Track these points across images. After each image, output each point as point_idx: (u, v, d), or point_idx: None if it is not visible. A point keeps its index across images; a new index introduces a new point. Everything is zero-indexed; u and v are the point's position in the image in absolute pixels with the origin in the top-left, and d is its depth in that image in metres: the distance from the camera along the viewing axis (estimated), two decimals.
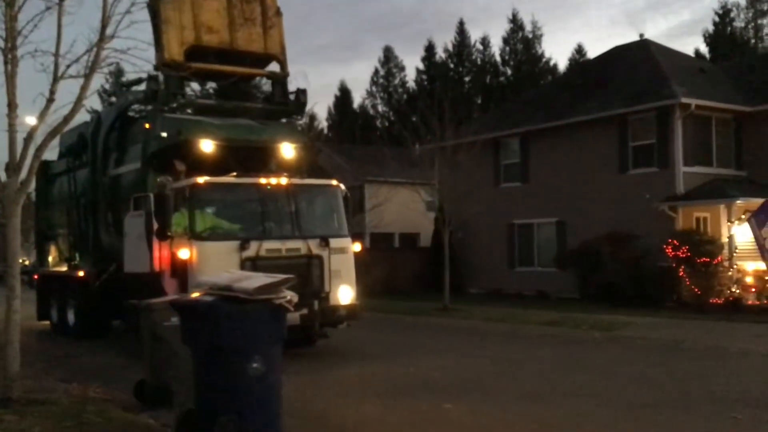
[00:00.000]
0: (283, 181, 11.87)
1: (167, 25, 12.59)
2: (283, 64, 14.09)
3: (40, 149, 7.96)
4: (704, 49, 47.96)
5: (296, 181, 12.09)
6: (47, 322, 16.99)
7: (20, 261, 8.44)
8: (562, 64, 54.49)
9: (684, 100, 20.61)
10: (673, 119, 20.89)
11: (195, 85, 15.02)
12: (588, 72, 28.42)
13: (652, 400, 8.32)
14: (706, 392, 8.80)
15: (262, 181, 11.77)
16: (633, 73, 24.15)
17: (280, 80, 14.31)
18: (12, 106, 7.73)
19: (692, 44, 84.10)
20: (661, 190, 20.73)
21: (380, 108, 59.92)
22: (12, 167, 7.75)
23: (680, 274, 18.95)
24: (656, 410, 7.80)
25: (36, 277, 18.34)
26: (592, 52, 53.93)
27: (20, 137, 7.85)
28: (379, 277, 22.28)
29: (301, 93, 14.25)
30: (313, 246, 11.61)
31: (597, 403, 8.18)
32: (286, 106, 14.40)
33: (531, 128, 25.06)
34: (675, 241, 19.08)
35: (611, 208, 21.83)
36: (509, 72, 55.69)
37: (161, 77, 12.79)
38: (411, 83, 58.15)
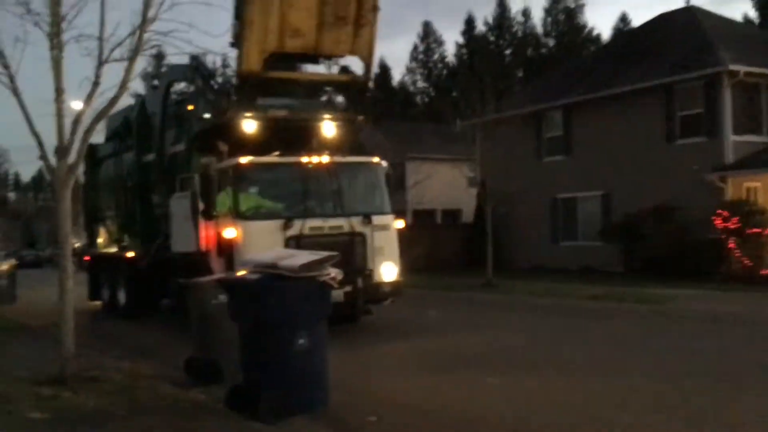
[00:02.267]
0: (325, 159, 11.91)
1: (250, 31, 11.16)
2: (368, 67, 12.45)
3: (87, 133, 8.10)
4: (753, 14, 46.54)
5: (338, 158, 12.12)
6: (98, 302, 17.43)
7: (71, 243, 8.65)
8: (606, 35, 53.45)
9: (732, 67, 20.07)
10: (721, 87, 20.37)
11: None
12: (632, 41, 27.85)
13: (700, 373, 8.21)
14: (756, 365, 8.65)
15: (305, 159, 11.83)
16: (679, 41, 23.58)
17: (360, 86, 12.80)
18: (59, 90, 7.88)
19: (740, 9, 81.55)
20: (709, 161, 20.29)
21: (420, 84, 59.62)
22: (61, 151, 7.92)
23: (729, 245, 18.57)
24: (703, 383, 7.69)
25: (86, 258, 18.79)
26: (637, 20, 52.81)
27: (68, 122, 8.02)
28: (421, 253, 22.32)
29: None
30: (356, 223, 11.67)
31: (643, 376, 8.09)
32: (360, 111, 13.23)
33: (574, 100, 24.67)
34: (724, 212, 18.69)
35: (657, 180, 21.45)
36: (551, 43, 54.89)
37: (233, 82, 11.95)
38: (451, 58, 57.75)
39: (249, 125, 12.07)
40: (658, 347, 10.20)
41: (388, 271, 11.91)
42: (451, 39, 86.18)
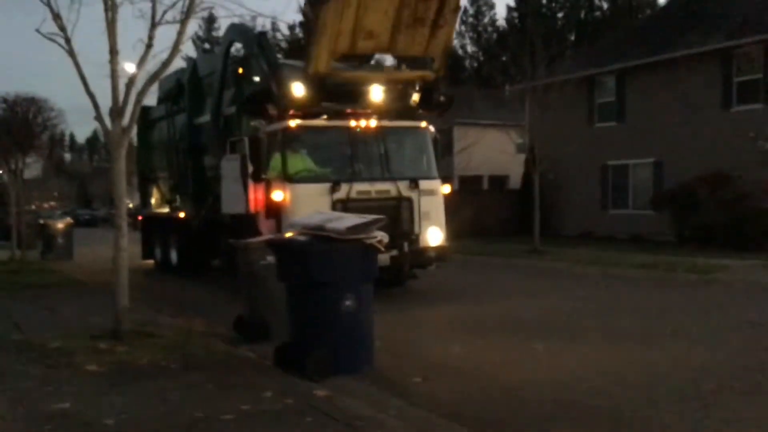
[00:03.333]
0: (373, 123, 11.92)
1: (322, 34, 10.81)
2: (441, 66, 11.94)
3: (141, 94, 8.26)
4: None
5: (386, 123, 12.12)
6: (151, 261, 17.89)
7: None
8: None
9: None
10: None
11: None
12: (689, 4, 26.90)
13: (751, 343, 8.10)
14: None
15: (352, 123, 11.86)
16: (738, 4, 22.74)
17: (430, 85, 12.18)
18: (113, 52, 8.02)
19: None
20: (766, 128, 19.66)
21: (469, 48, 58.87)
22: (115, 112, 8.09)
23: None
24: (755, 353, 7.59)
25: (140, 218, 19.26)
26: None
27: (121, 83, 8.18)
28: (467, 219, 22.22)
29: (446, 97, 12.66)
30: (403, 188, 11.69)
31: (693, 346, 8.02)
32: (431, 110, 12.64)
33: (627, 65, 24.09)
34: None
35: (712, 147, 20.93)
36: (605, 6, 53.47)
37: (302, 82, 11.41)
38: (501, 21, 56.84)
39: (298, 89, 12.11)
40: (709, 316, 10.07)
41: (434, 236, 11.94)
42: (502, 2, 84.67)
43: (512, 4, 55.55)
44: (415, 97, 12.25)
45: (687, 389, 6.25)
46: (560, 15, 54.08)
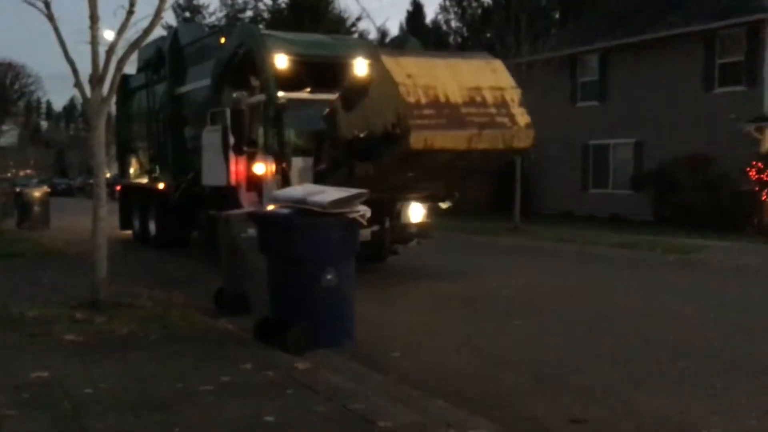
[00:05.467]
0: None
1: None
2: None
3: (121, 62, 8.13)
4: None
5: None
6: (129, 232, 17.74)
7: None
8: None
9: None
10: (764, 35, 19.74)
11: None
12: None
13: (730, 324, 8.21)
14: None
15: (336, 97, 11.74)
16: None
17: None
18: (94, 18, 7.87)
19: None
20: (747, 111, 19.82)
21: (453, 24, 58.46)
22: (95, 79, 7.96)
23: (763, 198, 18.29)
24: (734, 335, 7.69)
25: (118, 188, 19.06)
26: None
27: (102, 50, 8.04)
28: None
29: None
30: None
31: (671, 325, 8.12)
32: None
33: (611, 44, 24.11)
34: (759, 164, 18.35)
35: (693, 128, 21.05)
36: None
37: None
38: None
39: (280, 60, 11.97)
40: (687, 296, 10.19)
41: (416, 213, 11.93)
42: None
43: None
44: None
45: (661, 365, 6.33)
46: None
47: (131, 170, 18.58)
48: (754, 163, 18.47)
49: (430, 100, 9.37)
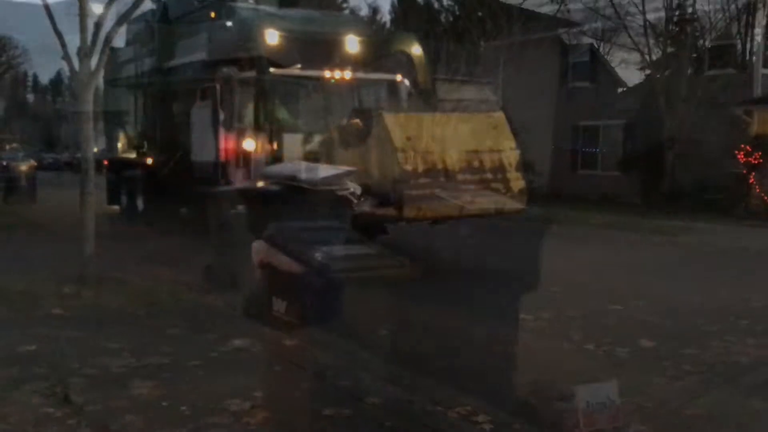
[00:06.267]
0: (347, 74, 11.77)
1: None
2: None
3: (110, 35, 8.05)
4: None
5: (360, 75, 11.97)
6: (116, 208, 17.62)
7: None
8: None
9: None
10: (753, 18, 19.76)
11: None
12: None
13: (715, 305, 8.27)
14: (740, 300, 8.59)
15: (327, 74, 11.69)
16: None
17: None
18: None
19: None
20: (736, 94, 19.87)
21: (445, 1, 58.09)
22: (84, 52, 7.88)
23: (750, 181, 18.40)
24: (718, 317, 7.74)
25: (105, 163, 18.90)
26: None
27: (90, 23, 7.94)
28: None
29: None
30: None
31: (654, 305, 8.17)
32: None
33: (602, 26, 24.07)
34: (748, 147, 18.43)
35: (682, 111, 21.08)
36: None
37: None
38: None
39: (271, 36, 11.88)
40: (672, 276, 10.27)
41: None
42: None
43: None
44: None
45: (635, 345, 6.39)
46: None
47: (119, 145, 18.41)
48: (742, 146, 18.55)
49: (427, 168, 9.25)
